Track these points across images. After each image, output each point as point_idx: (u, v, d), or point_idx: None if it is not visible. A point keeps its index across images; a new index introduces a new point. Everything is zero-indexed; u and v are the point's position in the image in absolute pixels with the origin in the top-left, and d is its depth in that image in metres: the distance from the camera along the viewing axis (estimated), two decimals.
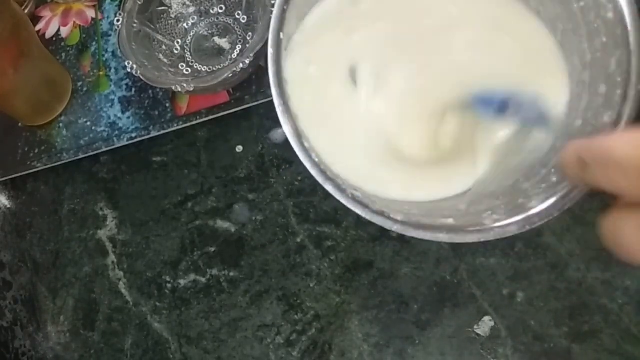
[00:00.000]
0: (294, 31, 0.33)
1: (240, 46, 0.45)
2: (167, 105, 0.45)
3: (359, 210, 0.25)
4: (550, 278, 0.35)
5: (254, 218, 0.41)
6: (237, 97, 0.43)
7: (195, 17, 0.46)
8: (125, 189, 0.44)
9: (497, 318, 0.35)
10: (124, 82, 0.47)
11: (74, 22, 0.51)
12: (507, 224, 0.24)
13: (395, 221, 0.25)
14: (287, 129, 0.28)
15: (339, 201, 0.37)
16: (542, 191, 0.25)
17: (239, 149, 0.43)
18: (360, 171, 0.30)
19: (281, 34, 0.28)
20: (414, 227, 0.25)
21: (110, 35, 0.49)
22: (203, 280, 0.40)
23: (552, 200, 0.25)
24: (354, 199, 0.26)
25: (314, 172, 0.27)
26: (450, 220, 0.25)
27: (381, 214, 0.25)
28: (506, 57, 0.30)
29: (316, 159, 0.27)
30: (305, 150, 0.27)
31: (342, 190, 0.26)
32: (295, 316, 0.38)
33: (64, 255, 0.44)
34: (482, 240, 0.24)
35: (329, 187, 0.26)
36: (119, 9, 0.42)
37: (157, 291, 0.41)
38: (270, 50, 0.27)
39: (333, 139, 0.31)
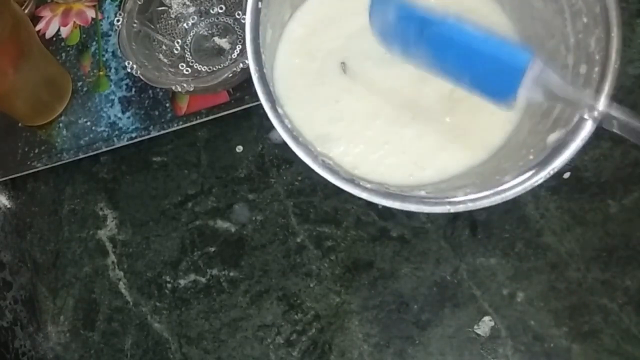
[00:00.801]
0: (288, 18, 0.35)
1: (240, 46, 0.45)
2: (167, 105, 0.45)
3: (328, 176, 0.27)
4: (550, 278, 0.35)
5: (254, 218, 0.41)
6: (237, 97, 0.43)
7: (195, 17, 0.46)
8: (125, 189, 0.44)
9: (497, 318, 0.35)
10: (124, 82, 0.47)
11: (74, 22, 0.51)
12: (478, 197, 0.25)
13: (364, 189, 0.27)
14: (261, 94, 0.29)
15: (338, 201, 0.38)
16: (518, 167, 0.26)
17: (239, 149, 0.43)
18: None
19: (259, 3, 0.29)
20: (382, 196, 0.26)
21: (110, 35, 0.49)
22: (203, 280, 0.40)
23: (526, 175, 0.25)
24: (325, 166, 0.27)
25: (285, 136, 0.28)
26: (422, 192, 0.26)
27: (350, 181, 0.27)
28: None
29: (289, 125, 0.28)
30: (279, 116, 0.29)
31: (314, 157, 0.27)
32: (295, 316, 0.38)
33: (64, 255, 0.44)
34: (450, 211, 0.25)
35: (299, 153, 0.28)
36: (119, 9, 0.42)
37: (157, 291, 0.41)
38: (248, 18, 0.29)
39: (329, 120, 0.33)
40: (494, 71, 0.24)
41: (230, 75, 0.38)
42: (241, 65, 0.38)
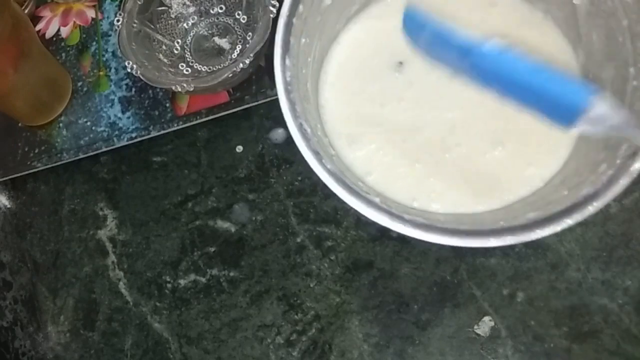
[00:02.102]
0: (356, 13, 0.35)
1: (240, 46, 0.45)
2: (167, 105, 0.45)
3: (336, 190, 0.27)
4: (550, 278, 0.35)
5: (254, 218, 0.41)
6: (237, 97, 0.43)
7: (195, 17, 0.46)
8: (125, 189, 0.44)
9: (497, 318, 0.35)
10: (124, 82, 0.47)
11: (74, 22, 0.51)
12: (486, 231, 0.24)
13: (404, 220, 0.25)
14: (279, 79, 0.28)
15: (339, 201, 0.38)
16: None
17: (239, 149, 0.43)
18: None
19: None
20: (424, 229, 0.25)
21: (110, 35, 0.49)
22: (203, 280, 0.40)
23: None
24: (329, 172, 0.27)
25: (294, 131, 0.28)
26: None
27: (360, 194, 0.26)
28: None
29: (305, 127, 0.28)
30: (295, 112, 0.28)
31: (319, 158, 0.27)
32: (295, 316, 0.38)
33: (64, 255, 0.44)
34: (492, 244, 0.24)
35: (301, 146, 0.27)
36: (119, 9, 0.42)
37: (157, 291, 0.41)
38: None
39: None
40: (547, 104, 0.22)
41: (230, 75, 0.38)
42: (241, 65, 0.38)
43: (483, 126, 0.31)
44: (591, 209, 0.23)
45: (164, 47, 0.45)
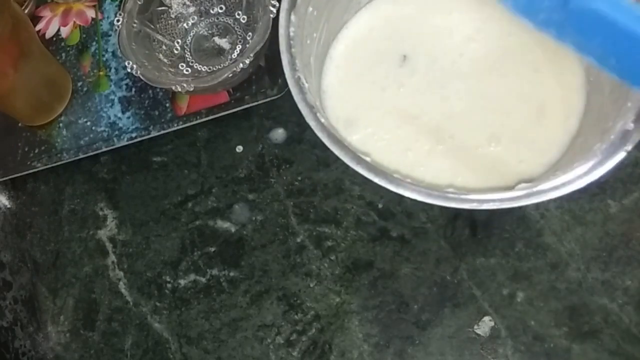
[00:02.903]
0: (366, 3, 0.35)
1: (240, 46, 0.45)
2: (167, 105, 0.45)
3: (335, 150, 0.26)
4: (550, 278, 0.35)
5: (254, 218, 0.41)
6: (237, 97, 0.43)
7: (195, 17, 0.46)
8: (125, 189, 0.44)
9: (497, 318, 0.35)
10: (124, 82, 0.47)
11: (74, 22, 0.51)
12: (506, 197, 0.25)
13: (404, 184, 0.25)
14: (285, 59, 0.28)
15: (338, 201, 0.38)
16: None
17: (239, 149, 0.43)
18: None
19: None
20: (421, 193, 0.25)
21: (110, 35, 0.49)
22: (203, 280, 0.40)
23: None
24: (323, 126, 0.26)
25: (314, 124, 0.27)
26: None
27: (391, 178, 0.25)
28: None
29: (302, 81, 0.28)
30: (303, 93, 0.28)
31: (314, 112, 0.27)
32: (295, 316, 0.38)
33: (64, 255, 0.44)
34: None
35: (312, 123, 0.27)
36: (119, 9, 0.42)
37: (157, 291, 0.41)
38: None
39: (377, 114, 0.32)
40: None
41: (230, 75, 0.38)
42: (241, 65, 0.38)
43: (480, 120, 0.31)
44: (581, 182, 0.24)
45: (164, 47, 0.45)
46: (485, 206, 0.24)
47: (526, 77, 0.32)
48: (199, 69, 0.45)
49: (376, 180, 0.25)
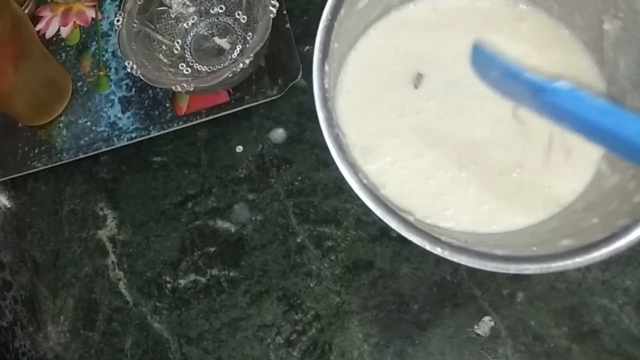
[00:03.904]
0: (373, 21, 0.33)
1: (240, 46, 0.45)
2: (167, 105, 0.45)
3: (371, 205, 0.24)
4: (550, 278, 0.35)
5: (254, 218, 0.41)
6: (237, 97, 0.43)
7: (195, 17, 0.46)
8: (125, 189, 0.44)
9: (497, 318, 0.35)
10: (124, 82, 0.47)
11: (74, 22, 0.51)
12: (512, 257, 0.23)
13: (439, 242, 0.24)
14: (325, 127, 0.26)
15: (338, 201, 0.38)
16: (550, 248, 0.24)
17: (239, 149, 0.43)
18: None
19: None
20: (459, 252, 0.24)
21: (110, 35, 0.49)
22: (203, 280, 0.40)
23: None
24: (365, 187, 0.25)
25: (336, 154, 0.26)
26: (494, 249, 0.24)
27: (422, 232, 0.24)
28: None
29: (341, 137, 0.26)
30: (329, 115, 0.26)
31: (355, 172, 0.25)
32: (295, 316, 0.38)
33: (64, 255, 0.44)
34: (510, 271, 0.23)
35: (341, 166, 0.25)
36: (119, 9, 0.42)
37: (157, 291, 0.41)
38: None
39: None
40: (619, 143, 0.22)
41: (230, 75, 0.38)
42: (241, 65, 0.38)
43: (502, 145, 0.30)
44: (630, 238, 0.23)
45: (164, 47, 0.45)
46: (531, 270, 0.23)
47: None
48: (199, 69, 0.45)
49: (422, 244, 0.24)
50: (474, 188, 0.30)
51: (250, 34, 0.44)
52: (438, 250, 0.23)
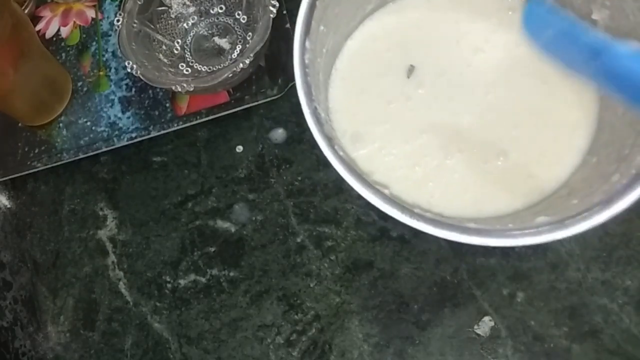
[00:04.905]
0: (368, 15, 0.34)
1: (240, 46, 0.45)
2: (167, 105, 0.45)
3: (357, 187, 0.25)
4: (550, 278, 0.35)
5: (254, 218, 0.41)
6: (237, 97, 0.43)
7: (195, 17, 0.46)
8: (125, 189, 0.44)
9: (497, 318, 0.35)
10: (124, 82, 0.47)
11: (74, 22, 0.51)
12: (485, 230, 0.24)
13: (423, 218, 0.24)
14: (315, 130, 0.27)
15: (338, 201, 0.38)
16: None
17: (239, 149, 0.43)
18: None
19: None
20: (438, 226, 0.24)
21: (110, 35, 0.49)
22: (203, 280, 0.40)
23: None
24: (341, 159, 0.25)
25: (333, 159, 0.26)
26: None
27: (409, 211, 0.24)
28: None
29: (319, 111, 0.26)
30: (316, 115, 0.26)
31: (332, 144, 0.25)
32: (295, 316, 0.38)
33: (64, 255, 0.44)
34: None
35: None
36: (119, 9, 0.42)
37: (157, 291, 0.41)
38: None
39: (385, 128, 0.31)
40: None
41: (230, 75, 0.38)
42: (241, 65, 0.38)
43: (489, 133, 0.31)
44: (604, 215, 0.23)
45: (164, 47, 0.45)
46: (501, 243, 0.24)
47: (534, 88, 0.31)
48: (199, 69, 0.45)
49: (396, 215, 0.24)
50: (459, 175, 0.30)
51: (250, 34, 0.44)
52: (407, 219, 0.24)
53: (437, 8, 0.34)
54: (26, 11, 0.51)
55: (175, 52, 0.45)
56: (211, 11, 0.46)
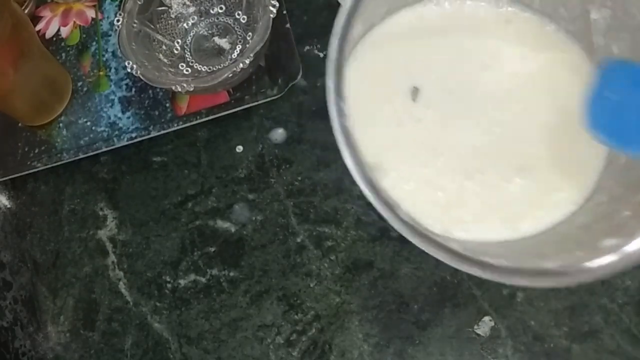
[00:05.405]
0: (361, 36, 0.33)
1: (240, 46, 0.45)
2: (167, 105, 0.45)
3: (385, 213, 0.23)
4: None
5: (254, 218, 0.41)
6: (237, 97, 0.43)
7: (195, 17, 0.46)
8: (125, 189, 0.44)
9: (497, 318, 0.35)
10: (124, 82, 0.47)
11: (74, 22, 0.51)
12: (514, 271, 0.23)
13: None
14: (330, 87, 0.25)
15: (339, 201, 0.38)
16: (560, 259, 0.24)
17: (239, 149, 0.43)
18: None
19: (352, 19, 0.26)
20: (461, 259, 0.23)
21: (110, 35, 0.49)
22: (203, 280, 0.40)
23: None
24: (404, 222, 0.23)
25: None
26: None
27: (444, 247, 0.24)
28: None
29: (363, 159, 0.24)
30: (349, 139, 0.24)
31: (392, 209, 0.23)
32: (295, 316, 0.38)
33: (64, 255, 0.44)
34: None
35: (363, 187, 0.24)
36: (119, 9, 0.42)
37: (157, 291, 0.41)
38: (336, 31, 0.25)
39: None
40: None
41: (230, 75, 0.38)
42: (241, 65, 0.38)
43: (505, 150, 0.30)
44: None
45: (164, 47, 0.45)
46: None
47: (545, 101, 0.31)
48: (199, 69, 0.45)
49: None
50: (484, 197, 0.29)
51: (250, 34, 0.44)
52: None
53: (432, 26, 0.33)
54: (26, 11, 0.51)
55: (175, 52, 0.45)
56: (211, 11, 0.46)
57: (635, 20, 0.27)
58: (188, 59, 0.45)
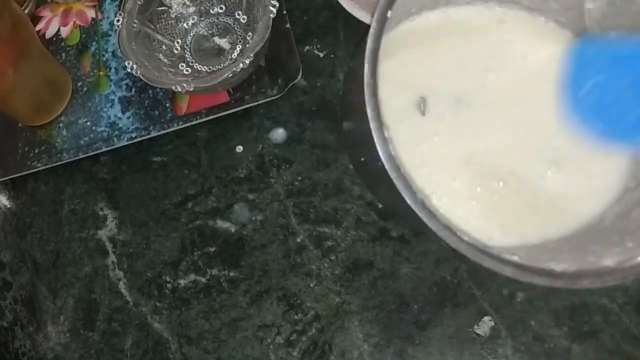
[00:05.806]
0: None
1: (240, 46, 0.45)
2: (167, 105, 0.45)
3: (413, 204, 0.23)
4: None
5: (254, 218, 0.41)
6: (237, 97, 0.43)
7: (195, 17, 0.46)
8: (125, 189, 0.44)
9: (497, 318, 0.35)
10: (124, 82, 0.47)
11: (74, 22, 0.51)
12: (577, 275, 0.22)
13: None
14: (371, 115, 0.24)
15: (338, 201, 0.37)
16: (615, 253, 0.23)
17: (239, 149, 0.43)
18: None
19: (389, 12, 0.25)
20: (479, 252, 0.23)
21: (110, 35, 0.49)
22: (203, 280, 0.40)
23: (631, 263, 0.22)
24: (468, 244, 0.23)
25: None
26: (515, 257, 0.23)
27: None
28: None
29: (392, 152, 0.24)
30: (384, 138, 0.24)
31: (453, 232, 0.23)
32: (295, 316, 0.38)
33: (64, 255, 0.44)
34: (549, 285, 0.23)
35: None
36: (119, 9, 0.42)
37: (157, 291, 0.41)
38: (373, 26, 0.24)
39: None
40: None
41: (230, 75, 0.38)
42: (241, 65, 0.38)
43: (531, 147, 0.29)
44: None
45: (164, 47, 0.45)
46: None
47: (553, 93, 0.30)
48: (199, 69, 0.45)
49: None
50: (520, 199, 0.29)
51: (250, 34, 0.44)
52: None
53: (427, 37, 0.33)
54: (26, 11, 0.51)
55: (175, 52, 0.45)
56: (211, 11, 0.46)
57: (635, 4, 0.27)
58: (188, 59, 0.45)
